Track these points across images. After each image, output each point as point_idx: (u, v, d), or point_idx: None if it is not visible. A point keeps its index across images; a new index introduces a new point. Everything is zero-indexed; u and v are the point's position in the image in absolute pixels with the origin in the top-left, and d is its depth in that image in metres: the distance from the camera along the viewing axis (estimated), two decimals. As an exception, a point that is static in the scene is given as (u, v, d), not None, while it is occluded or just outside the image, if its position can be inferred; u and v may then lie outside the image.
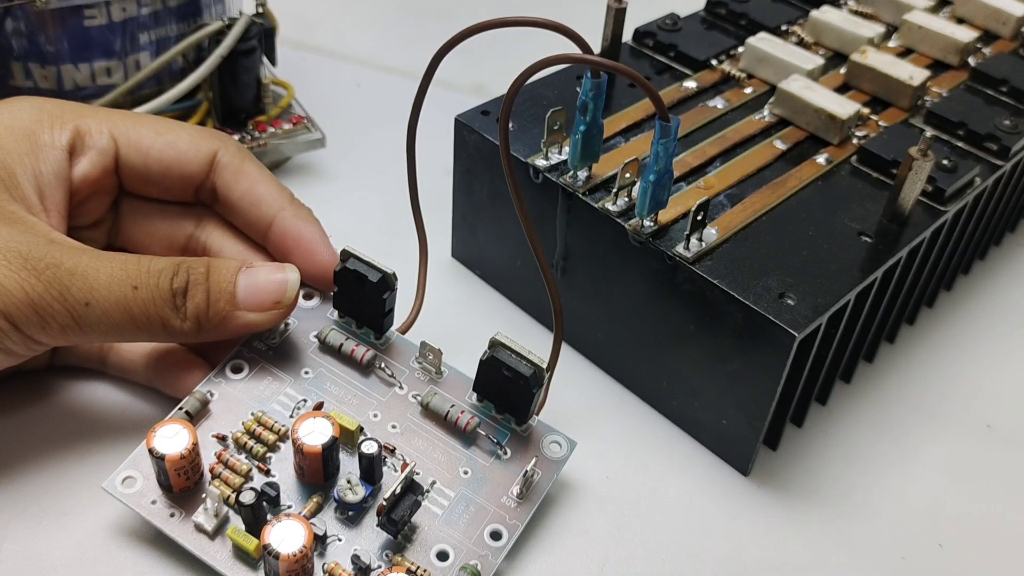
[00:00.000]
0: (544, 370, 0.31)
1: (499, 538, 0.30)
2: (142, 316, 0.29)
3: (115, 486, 0.30)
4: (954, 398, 0.40)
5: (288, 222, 0.34)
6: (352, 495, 0.29)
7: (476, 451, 0.32)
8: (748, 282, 0.32)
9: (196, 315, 0.30)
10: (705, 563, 0.32)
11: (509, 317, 0.41)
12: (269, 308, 0.31)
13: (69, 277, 0.28)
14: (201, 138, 0.34)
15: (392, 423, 0.32)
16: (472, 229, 0.42)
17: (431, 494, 0.31)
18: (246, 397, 0.32)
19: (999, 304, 0.45)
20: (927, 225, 0.36)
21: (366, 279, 0.32)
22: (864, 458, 0.37)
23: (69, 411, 0.34)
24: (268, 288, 0.31)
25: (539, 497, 0.31)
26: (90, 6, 0.41)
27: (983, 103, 0.42)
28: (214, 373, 0.33)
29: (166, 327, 0.30)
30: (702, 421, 0.36)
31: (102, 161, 0.33)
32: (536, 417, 0.33)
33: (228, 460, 0.30)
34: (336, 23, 0.61)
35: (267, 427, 0.31)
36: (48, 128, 0.32)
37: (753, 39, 0.43)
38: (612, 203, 0.35)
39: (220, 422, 0.31)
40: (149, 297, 0.29)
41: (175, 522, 0.29)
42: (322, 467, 0.30)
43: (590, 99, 0.33)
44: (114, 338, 0.30)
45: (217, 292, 0.30)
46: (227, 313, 0.31)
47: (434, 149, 0.46)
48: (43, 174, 0.31)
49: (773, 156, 0.38)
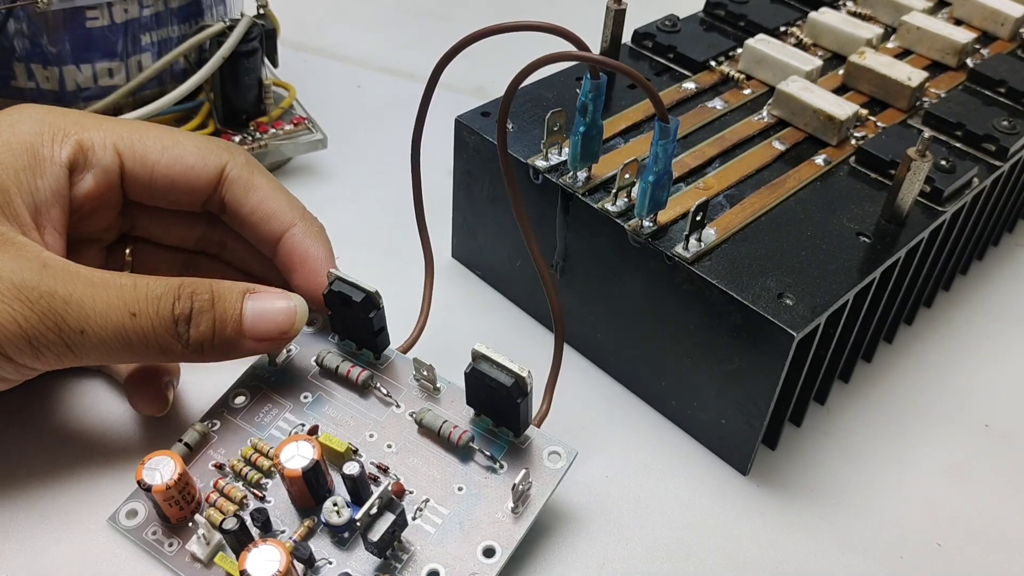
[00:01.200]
0: (526, 379, 0.30)
1: (492, 555, 0.29)
2: (140, 343, 0.29)
3: (119, 520, 0.30)
4: (952, 397, 0.40)
5: (296, 239, 0.34)
6: (337, 517, 0.29)
7: (473, 467, 0.31)
8: (747, 282, 0.32)
9: (200, 342, 0.30)
10: (704, 562, 0.33)
11: (509, 317, 0.41)
12: (276, 337, 0.31)
13: (64, 306, 0.28)
14: (209, 151, 0.33)
15: (388, 442, 0.32)
16: (472, 230, 0.42)
17: (424, 512, 0.30)
18: (246, 425, 0.32)
19: (997, 304, 0.45)
20: (925, 225, 0.36)
21: (351, 300, 0.32)
22: (863, 457, 0.37)
23: (70, 411, 0.34)
24: (277, 318, 0.31)
25: (535, 511, 0.30)
26: (92, 7, 0.41)
27: (981, 104, 0.42)
28: (216, 404, 0.33)
29: (165, 352, 0.29)
30: (701, 421, 0.36)
31: (107, 178, 0.32)
32: (535, 428, 0.32)
33: (224, 488, 0.30)
34: (337, 24, 0.61)
35: (263, 453, 0.31)
36: (49, 142, 0.31)
37: (752, 40, 0.43)
38: (612, 204, 0.35)
39: (220, 451, 0.32)
40: (148, 325, 0.29)
41: (173, 552, 0.29)
42: (308, 491, 0.29)
43: (589, 100, 0.33)
44: (111, 361, 0.30)
45: (223, 320, 0.30)
46: (233, 342, 0.30)
47: (434, 150, 0.46)
48: (40, 190, 0.30)
49: (772, 157, 0.39)
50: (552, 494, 0.31)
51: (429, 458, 0.32)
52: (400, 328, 0.35)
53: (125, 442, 0.33)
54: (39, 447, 0.33)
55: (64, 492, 0.32)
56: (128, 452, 0.33)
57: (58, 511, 0.31)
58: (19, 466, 0.32)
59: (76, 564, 0.30)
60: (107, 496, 0.31)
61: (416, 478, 0.31)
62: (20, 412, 0.34)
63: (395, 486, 0.30)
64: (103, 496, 0.31)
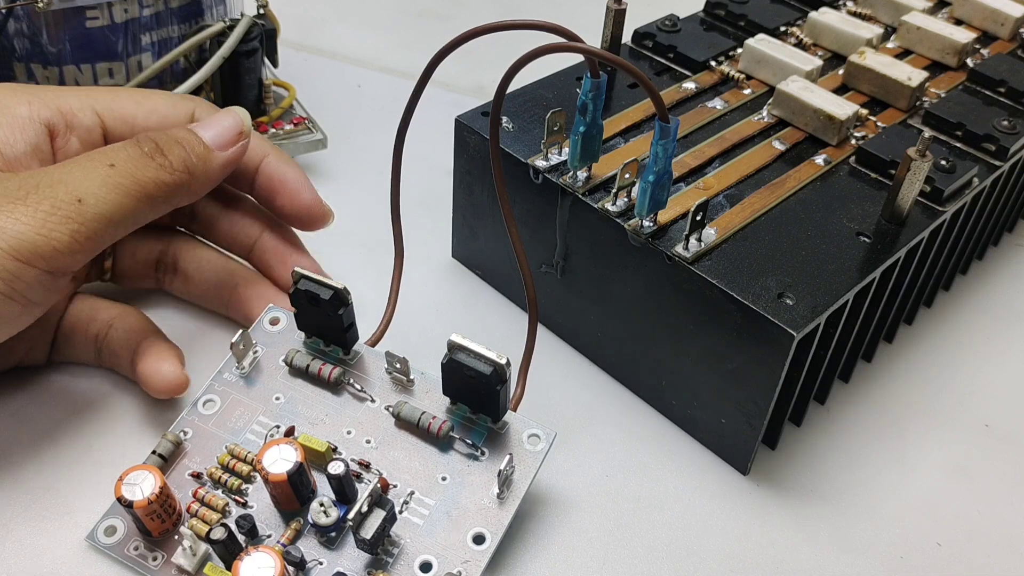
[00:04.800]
0: (505, 367, 0.30)
1: (482, 541, 0.30)
2: (133, 185, 0.30)
3: (98, 537, 0.30)
4: (952, 397, 0.40)
5: (272, 166, 0.36)
6: (325, 518, 0.29)
7: (454, 455, 0.31)
8: (747, 282, 0.32)
9: (184, 164, 0.32)
10: (704, 562, 0.33)
11: (509, 317, 0.41)
12: (237, 141, 0.34)
13: (50, 189, 0.29)
14: (178, 99, 0.36)
15: (367, 438, 0.32)
16: (472, 229, 0.42)
17: (411, 505, 0.30)
18: (219, 431, 0.32)
19: (997, 304, 0.45)
20: (925, 225, 0.36)
21: (319, 298, 0.32)
22: (862, 457, 0.37)
23: (69, 407, 0.34)
24: (228, 127, 0.34)
25: (520, 495, 0.30)
26: (92, 7, 0.41)
27: (981, 104, 0.42)
28: (186, 411, 0.32)
29: (161, 186, 0.31)
30: (701, 420, 0.36)
31: (90, 137, 0.34)
32: (512, 412, 0.32)
33: (204, 497, 0.30)
34: (337, 24, 0.61)
35: (240, 459, 0.31)
36: (25, 103, 0.32)
37: (752, 40, 0.43)
38: (612, 203, 0.35)
39: (195, 460, 0.31)
40: (130, 166, 0.30)
41: (158, 565, 0.29)
42: (294, 493, 0.29)
43: (590, 100, 0.33)
44: (125, 223, 0.31)
45: (188, 144, 0.32)
46: (207, 156, 0.33)
47: (434, 149, 0.47)
48: (14, 144, 0.32)
49: (772, 157, 0.39)
50: (535, 476, 0.31)
51: (410, 450, 0.32)
52: (398, 331, 0.35)
53: (94, 457, 0.33)
54: (34, 439, 0.33)
55: (36, 513, 0.31)
56: (98, 467, 0.33)
57: (32, 533, 0.31)
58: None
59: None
60: (80, 514, 0.31)
61: (399, 471, 0.31)
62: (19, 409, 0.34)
63: (380, 481, 0.30)
64: (75, 515, 0.31)
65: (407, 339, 0.36)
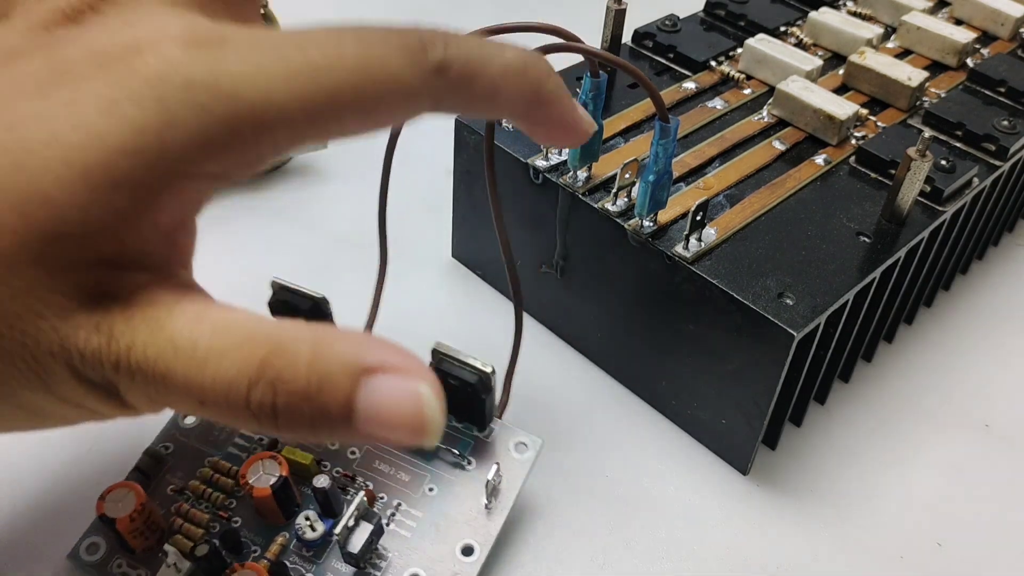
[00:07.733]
0: (491, 375, 0.30)
1: (471, 553, 0.29)
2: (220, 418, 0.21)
3: (81, 555, 0.29)
4: (953, 398, 0.40)
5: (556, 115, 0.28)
6: (311, 532, 0.29)
7: (440, 466, 0.31)
8: (747, 282, 0.32)
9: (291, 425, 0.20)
10: (704, 562, 0.33)
11: (509, 317, 0.41)
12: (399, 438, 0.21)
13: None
14: None
15: (351, 449, 0.32)
16: (472, 229, 0.42)
17: (398, 517, 0.30)
18: (201, 445, 0.32)
19: (997, 304, 0.45)
20: (925, 225, 0.36)
21: (298, 308, 0.31)
22: (863, 457, 0.37)
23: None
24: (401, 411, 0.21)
25: (508, 505, 0.30)
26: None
27: (981, 104, 0.42)
28: (167, 426, 0.32)
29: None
30: (701, 420, 0.36)
31: None
32: (498, 420, 0.32)
33: (187, 512, 0.30)
34: (337, 24, 0.61)
35: (223, 472, 0.31)
36: None
37: (752, 40, 0.43)
38: (612, 203, 0.35)
39: (177, 475, 0.31)
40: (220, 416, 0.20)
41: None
42: (278, 508, 0.29)
43: (589, 100, 0.33)
44: None
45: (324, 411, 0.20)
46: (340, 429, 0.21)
47: (434, 149, 0.47)
48: None
49: (772, 157, 0.39)
50: (523, 485, 0.30)
51: (395, 462, 0.31)
52: (397, 332, 0.35)
53: (75, 474, 0.33)
54: (33, 440, 0.33)
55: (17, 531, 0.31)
56: (80, 484, 0.32)
57: (13, 552, 0.30)
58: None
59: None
60: (62, 532, 0.31)
61: (385, 483, 0.31)
62: None
63: (367, 494, 0.30)
64: (57, 533, 0.31)
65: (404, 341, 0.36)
